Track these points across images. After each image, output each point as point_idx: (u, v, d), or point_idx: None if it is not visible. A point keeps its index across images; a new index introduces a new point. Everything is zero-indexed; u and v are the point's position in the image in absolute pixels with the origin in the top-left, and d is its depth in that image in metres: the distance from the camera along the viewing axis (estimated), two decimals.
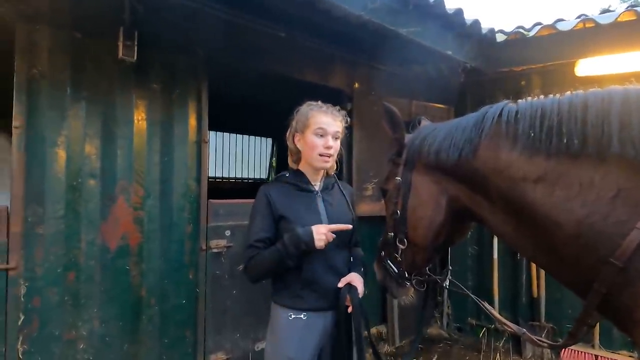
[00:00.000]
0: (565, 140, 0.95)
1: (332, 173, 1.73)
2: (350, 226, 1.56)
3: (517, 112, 1.06)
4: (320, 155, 1.56)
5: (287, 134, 1.65)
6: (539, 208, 1.00)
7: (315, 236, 1.47)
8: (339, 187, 1.73)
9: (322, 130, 1.55)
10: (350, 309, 1.52)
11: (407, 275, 1.42)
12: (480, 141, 1.12)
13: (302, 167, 1.65)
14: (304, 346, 1.53)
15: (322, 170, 1.67)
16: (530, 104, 1.05)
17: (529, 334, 1.17)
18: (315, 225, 1.49)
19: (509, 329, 1.23)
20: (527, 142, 1.02)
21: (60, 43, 1.98)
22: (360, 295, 1.55)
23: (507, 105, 1.10)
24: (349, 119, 1.69)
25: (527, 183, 1.02)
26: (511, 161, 1.05)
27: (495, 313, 1.32)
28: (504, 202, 1.09)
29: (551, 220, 0.98)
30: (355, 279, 1.57)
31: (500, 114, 1.09)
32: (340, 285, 1.55)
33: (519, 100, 1.10)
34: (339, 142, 1.62)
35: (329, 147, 1.55)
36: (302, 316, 1.54)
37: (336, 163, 1.71)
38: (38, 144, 1.93)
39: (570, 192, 0.95)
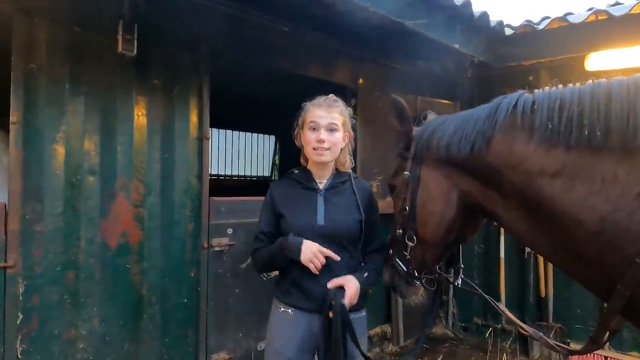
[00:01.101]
0: (586, 132, 0.90)
1: (346, 169, 1.67)
2: (338, 258, 1.48)
3: (533, 103, 1.01)
4: (314, 149, 1.52)
5: (295, 133, 1.64)
6: (558, 204, 0.94)
7: (305, 252, 1.44)
8: (352, 186, 1.63)
9: (314, 124, 1.53)
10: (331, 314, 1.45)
11: (416, 274, 1.37)
12: (493, 133, 1.06)
13: (309, 164, 1.63)
14: (289, 340, 1.52)
15: (330, 167, 1.62)
16: (548, 94, 0.99)
17: (547, 339, 1.12)
18: (308, 243, 1.46)
19: (525, 332, 1.18)
20: (544, 134, 0.96)
21: (59, 37, 1.94)
22: (350, 301, 1.46)
23: (523, 95, 1.05)
24: (351, 110, 1.64)
25: (544, 177, 0.96)
26: (527, 154, 0.99)
27: (510, 315, 1.26)
28: (519, 197, 1.04)
29: (571, 217, 0.92)
30: (348, 282, 1.48)
31: (515, 105, 1.04)
32: (329, 285, 1.48)
33: (535, 91, 1.04)
34: (337, 133, 1.55)
35: (320, 141, 1.51)
36: (289, 311, 1.54)
37: (350, 156, 1.66)
38: (36, 140, 1.90)
39: (592, 188, 0.89)
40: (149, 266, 2.21)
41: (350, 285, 1.48)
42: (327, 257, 1.50)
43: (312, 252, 1.44)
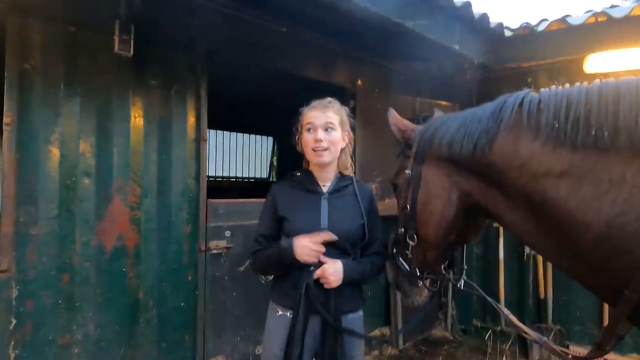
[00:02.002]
0: (593, 132, 0.87)
1: (349, 173, 1.66)
2: (335, 237, 1.46)
3: (539, 102, 0.98)
4: (314, 150, 1.52)
5: (295, 139, 1.63)
6: (563, 206, 0.92)
7: (297, 250, 1.43)
8: (355, 190, 1.62)
9: (310, 125, 1.53)
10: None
11: (418, 274, 1.35)
12: (498, 132, 1.04)
13: (311, 167, 1.62)
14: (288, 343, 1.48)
15: (332, 169, 1.60)
16: (555, 92, 0.97)
17: (551, 343, 1.09)
18: (298, 238, 1.45)
19: (529, 337, 1.16)
20: (550, 134, 0.94)
21: (54, 37, 1.91)
22: (324, 275, 1.44)
23: (529, 94, 1.02)
24: (347, 108, 1.63)
25: (549, 178, 0.94)
26: (532, 154, 0.97)
27: (514, 319, 1.24)
28: (523, 199, 1.01)
29: (577, 220, 0.90)
30: (330, 260, 1.46)
31: (521, 104, 1.01)
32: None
33: (541, 89, 1.02)
34: (335, 132, 1.54)
35: (317, 140, 1.50)
36: (288, 314, 1.51)
37: (350, 158, 1.65)
38: (30, 142, 1.86)
39: (599, 189, 0.87)
40: (145, 270, 2.18)
41: (331, 262, 1.46)
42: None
43: (304, 247, 1.43)
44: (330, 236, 1.46)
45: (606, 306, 3.04)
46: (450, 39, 2.66)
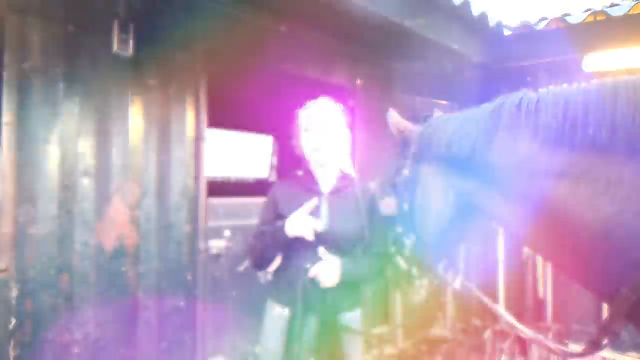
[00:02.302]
0: (591, 132, 0.88)
1: (349, 171, 1.67)
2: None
3: (537, 102, 0.99)
4: (312, 150, 1.55)
5: (294, 142, 1.65)
6: (562, 206, 0.93)
7: (287, 224, 1.44)
8: (356, 190, 1.64)
9: (307, 127, 1.56)
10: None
11: (416, 273, 1.36)
12: (496, 132, 1.04)
13: (312, 167, 1.64)
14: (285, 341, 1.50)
15: (332, 169, 1.61)
16: (553, 92, 0.98)
17: (545, 341, 1.10)
18: (289, 218, 1.47)
19: (525, 336, 1.16)
20: (548, 134, 0.94)
21: (53, 36, 1.91)
22: (321, 272, 1.47)
23: (527, 94, 1.03)
24: (341, 105, 1.64)
25: (548, 178, 0.95)
26: (531, 154, 0.98)
27: (509, 318, 1.24)
28: (522, 198, 1.02)
29: (575, 219, 0.90)
30: (329, 260, 1.49)
31: (519, 104, 1.02)
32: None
33: (539, 89, 1.02)
34: (332, 131, 1.56)
35: (316, 140, 1.54)
36: (286, 312, 1.53)
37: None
38: (29, 141, 1.86)
39: (597, 189, 0.87)
40: (144, 269, 2.18)
41: (328, 260, 1.49)
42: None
43: (293, 219, 1.44)
44: (312, 203, 1.46)
45: (605, 305, 3.05)
46: (450, 37, 2.67)
